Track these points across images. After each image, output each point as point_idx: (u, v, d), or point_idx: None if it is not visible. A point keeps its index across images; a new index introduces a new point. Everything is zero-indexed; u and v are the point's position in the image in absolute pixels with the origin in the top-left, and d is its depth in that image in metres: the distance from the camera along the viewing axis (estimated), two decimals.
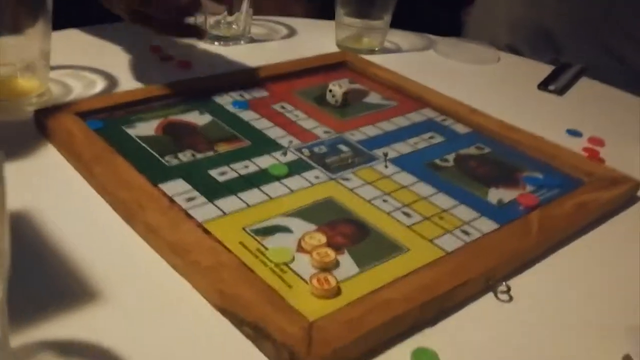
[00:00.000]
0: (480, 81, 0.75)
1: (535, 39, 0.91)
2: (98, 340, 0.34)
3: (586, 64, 0.80)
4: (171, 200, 0.44)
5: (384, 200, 0.47)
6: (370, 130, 0.58)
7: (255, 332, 0.34)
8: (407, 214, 0.46)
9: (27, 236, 0.41)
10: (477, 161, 0.55)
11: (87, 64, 0.65)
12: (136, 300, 0.37)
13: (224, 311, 0.36)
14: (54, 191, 0.46)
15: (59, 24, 0.65)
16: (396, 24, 0.81)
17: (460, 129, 0.60)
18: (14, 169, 0.47)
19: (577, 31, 0.88)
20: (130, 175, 0.45)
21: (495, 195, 0.50)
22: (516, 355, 0.37)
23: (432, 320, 0.38)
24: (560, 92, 0.73)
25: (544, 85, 0.74)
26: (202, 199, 0.45)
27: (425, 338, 0.37)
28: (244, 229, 0.42)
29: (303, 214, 0.45)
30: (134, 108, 0.56)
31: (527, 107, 0.69)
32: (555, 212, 0.47)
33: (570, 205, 0.48)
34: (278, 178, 0.49)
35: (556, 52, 0.90)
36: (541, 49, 0.87)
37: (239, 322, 0.35)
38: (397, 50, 0.81)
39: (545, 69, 0.79)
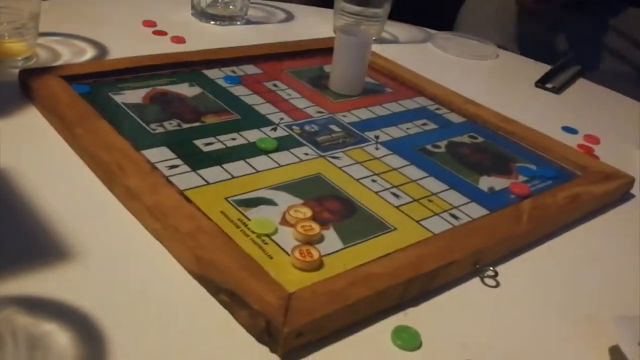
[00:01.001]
0: (477, 76, 0.74)
1: (525, 43, 0.90)
2: (68, 299, 0.32)
3: (583, 64, 0.79)
4: (153, 166, 0.42)
5: (373, 180, 0.46)
6: (363, 114, 0.57)
7: (232, 300, 0.33)
8: (395, 195, 0.45)
9: (3, 194, 0.39)
10: (470, 149, 0.53)
11: (77, 33, 0.64)
12: (110, 263, 0.36)
13: (200, 278, 0.35)
14: (34, 151, 0.44)
15: None
16: (394, 17, 0.80)
17: (454, 118, 0.59)
18: None
19: (570, 37, 0.87)
20: (112, 138, 0.43)
21: (487, 182, 0.49)
22: (499, 341, 0.35)
23: (416, 301, 0.37)
24: (558, 90, 0.72)
25: (541, 83, 0.73)
26: (185, 167, 0.44)
27: (407, 317, 0.36)
28: (226, 199, 0.41)
29: (290, 188, 0.43)
30: (123, 76, 0.54)
31: (524, 103, 0.68)
32: (547, 201, 0.46)
33: (562, 196, 0.47)
34: (266, 152, 0.47)
35: (548, 54, 0.88)
36: (531, 52, 0.86)
37: (215, 289, 0.34)
38: (395, 41, 0.80)
39: (543, 68, 0.78)
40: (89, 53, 0.61)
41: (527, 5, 0.79)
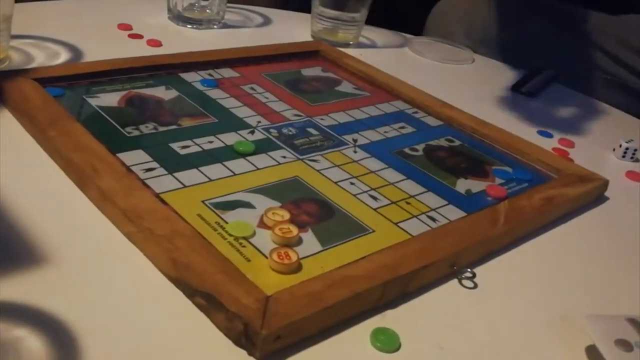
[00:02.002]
0: (453, 80, 0.75)
1: (493, 48, 0.90)
2: (40, 304, 0.32)
3: (554, 68, 0.80)
4: (128, 169, 0.42)
5: (352, 183, 0.46)
6: (341, 117, 0.57)
7: (208, 303, 0.32)
8: (374, 197, 0.45)
9: None
10: (447, 152, 0.54)
11: (51, 36, 0.63)
12: (83, 266, 0.35)
13: (176, 281, 0.34)
14: (6, 154, 0.43)
15: None
16: (371, 21, 0.81)
17: (431, 121, 0.59)
18: None
19: (538, 42, 0.88)
20: (86, 140, 0.43)
21: (464, 185, 0.49)
22: (478, 342, 0.36)
23: (394, 303, 0.37)
24: (533, 94, 0.73)
25: (517, 87, 0.74)
26: (161, 170, 0.43)
27: (386, 319, 0.35)
28: (203, 202, 0.41)
29: (267, 191, 0.43)
30: (98, 79, 0.54)
31: (500, 108, 0.69)
32: (523, 204, 0.46)
33: (538, 198, 0.47)
34: (244, 155, 0.47)
35: (516, 59, 0.88)
36: (499, 56, 0.86)
37: (191, 292, 0.33)
38: (372, 45, 0.81)
39: (519, 73, 0.79)
40: (63, 56, 0.60)
41: None
